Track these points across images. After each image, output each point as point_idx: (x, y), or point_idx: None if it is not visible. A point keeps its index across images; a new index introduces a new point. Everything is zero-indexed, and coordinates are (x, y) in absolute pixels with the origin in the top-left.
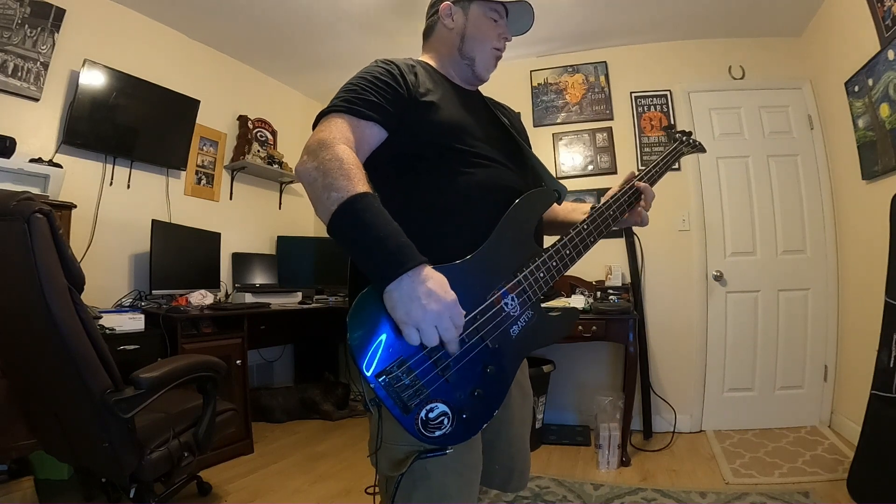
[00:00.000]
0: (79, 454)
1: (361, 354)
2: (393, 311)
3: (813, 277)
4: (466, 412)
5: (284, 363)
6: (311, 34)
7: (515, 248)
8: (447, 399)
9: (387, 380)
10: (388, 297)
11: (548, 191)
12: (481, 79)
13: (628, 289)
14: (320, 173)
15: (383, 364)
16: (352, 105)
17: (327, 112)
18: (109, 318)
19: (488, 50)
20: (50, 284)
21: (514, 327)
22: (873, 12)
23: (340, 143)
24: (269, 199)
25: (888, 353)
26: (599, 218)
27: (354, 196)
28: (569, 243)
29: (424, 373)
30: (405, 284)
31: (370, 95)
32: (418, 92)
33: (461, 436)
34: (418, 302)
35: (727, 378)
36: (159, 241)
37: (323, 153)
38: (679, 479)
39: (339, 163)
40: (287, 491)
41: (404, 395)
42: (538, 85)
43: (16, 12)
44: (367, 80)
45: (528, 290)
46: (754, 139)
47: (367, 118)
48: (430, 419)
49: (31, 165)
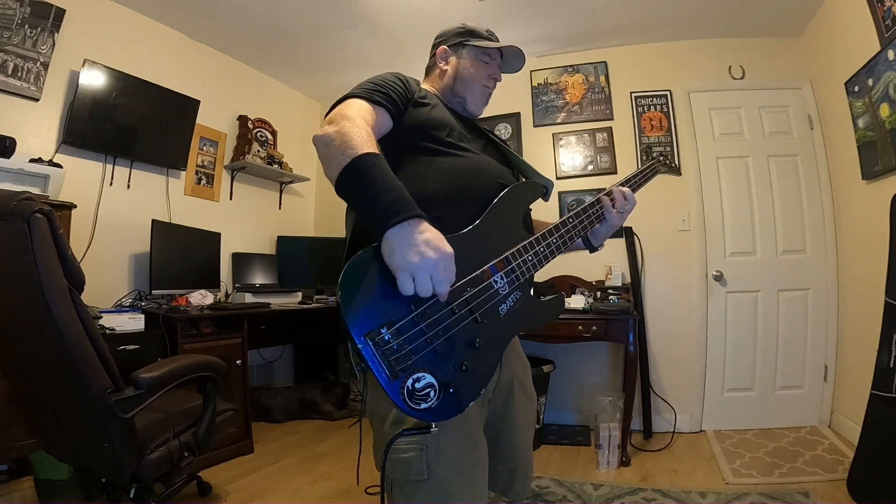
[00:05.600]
0: (79, 454)
1: (350, 314)
2: (390, 257)
3: (813, 277)
4: (453, 386)
5: (284, 363)
6: (311, 34)
7: (505, 232)
8: (434, 370)
9: (374, 341)
10: (386, 242)
11: (535, 183)
12: (473, 115)
13: (628, 289)
14: (339, 135)
15: (372, 325)
16: (370, 92)
17: (345, 97)
18: (109, 318)
19: (478, 89)
20: (50, 284)
21: (503, 306)
22: (873, 12)
23: (358, 118)
24: (269, 199)
25: (888, 353)
26: (584, 214)
27: (367, 153)
28: (555, 231)
29: (413, 338)
30: (405, 231)
31: (384, 89)
32: (419, 96)
33: (447, 411)
34: (416, 248)
35: (727, 378)
36: (159, 241)
37: (344, 122)
38: (679, 479)
39: (358, 129)
40: (287, 491)
41: (392, 358)
42: (538, 85)
43: (16, 12)
44: (381, 79)
45: (516, 269)
46: (754, 139)
47: (381, 105)
48: (416, 389)
49: (31, 165)
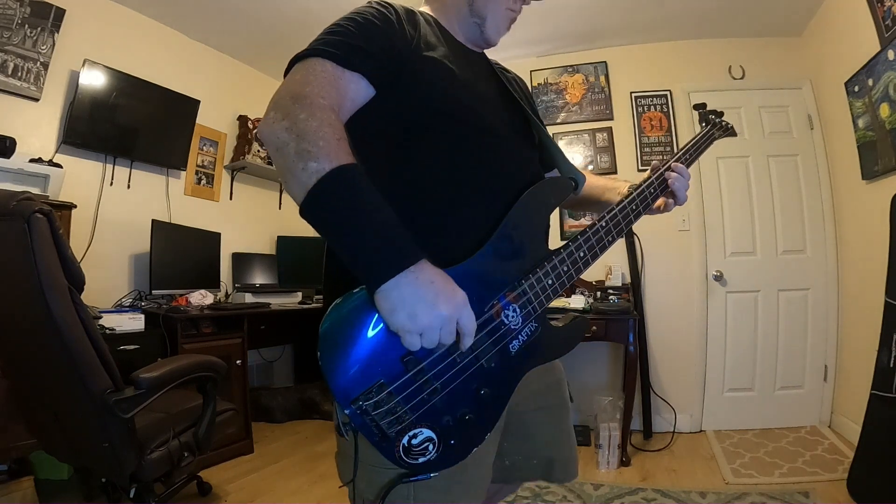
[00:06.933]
0: (79, 454)
1: (334, 378)
2: (391, 315)
3: (813, 277)
4: (454, 438)
5: (284, 363)
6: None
7: (522, 250)
8: (433, 424)
9: (364, 406)
10: (383, 297)
11: (563, 181)
12: (490, 42)
13: (628, 289)
14: (293, 136)
15: (360, 388)
16: (335, 49)
17: (304, 56)
18: (109, 318)
19: (502, 10)
20: (50, 284)
21: (514, 342)
22: (873, 12)
23: (319, 98)
24: (269, 199)
25: (888, 353)
26: (621, 214)
27: (339, 168)
28: (584, 244)
29: (409, 397)
30: (408, 285)
31: (358, 40)
32: (419, 45)
33: (447, 462)
34: (425, 304)
35: (727, 378)
36: (159, 241)
37: (297, 110)
38: (679, 479)
39: (319, 123)
40: (287, 491)
41: (383, 422)
42: (538, 85)
43: (16, 12)
44: (357, 23)
45: (532, 300)
46: (754, 139)
47: (354, 68)
48: (413, 445)
49: (31, 165)
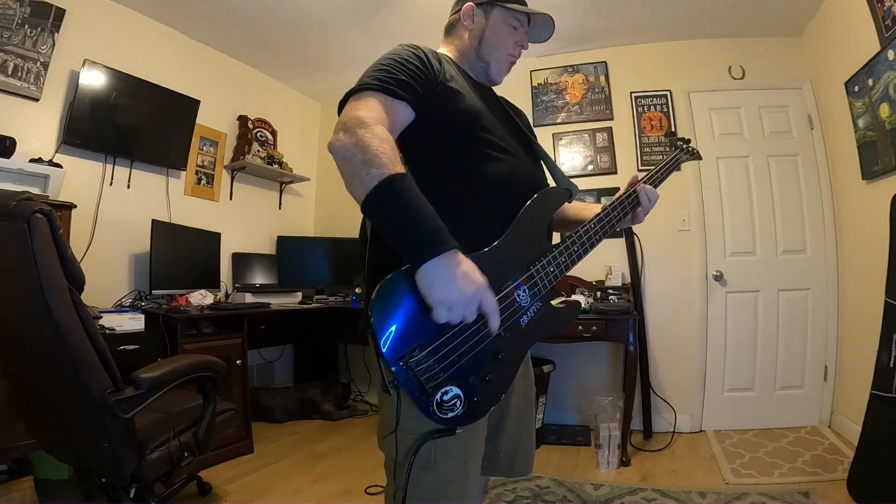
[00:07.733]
0: (79, 454)
1: (383, 338)
2: (427, 289)
3: (813, 277)
4: (478, 395)
5: (284, 363)
6: (311, 34)
7: (529, 243)
8: (461, 383)
9: (406, 363)
10: (423, 275)
11: (561, 189)
12: (494, 82)
13: (628, 289)
14: (359, 149)
15: (404, 349)
16: (385, 84)
17: (359, 90)
18: (109, 318)
19: (503, 56)
20: (50, 284)
21: (524, 317)
22: (873, 12)
23: (377, 122)
24: (269, 199)
25: (888, 353)
26: (605, 218)
27: (395, 175)
28: (577, 240)
29: (442, 358)
30: (441, 265)
31: (401, 75)
32: (444, 77)
33: (471, 417)
34: (454, 283)
35: (727, 378)
36: (159, 241)
37: (361, 130)
38: (679, 479)
39: (379, 141)
40: (287, 491)
41: (423, 378)
42: (538, 85)
43: (16, 12)
44: (397, 61)
45: (539, 283)
46: (754, 139)
47: (399, 97)
48: (444, 401)
49: (31, 165)
